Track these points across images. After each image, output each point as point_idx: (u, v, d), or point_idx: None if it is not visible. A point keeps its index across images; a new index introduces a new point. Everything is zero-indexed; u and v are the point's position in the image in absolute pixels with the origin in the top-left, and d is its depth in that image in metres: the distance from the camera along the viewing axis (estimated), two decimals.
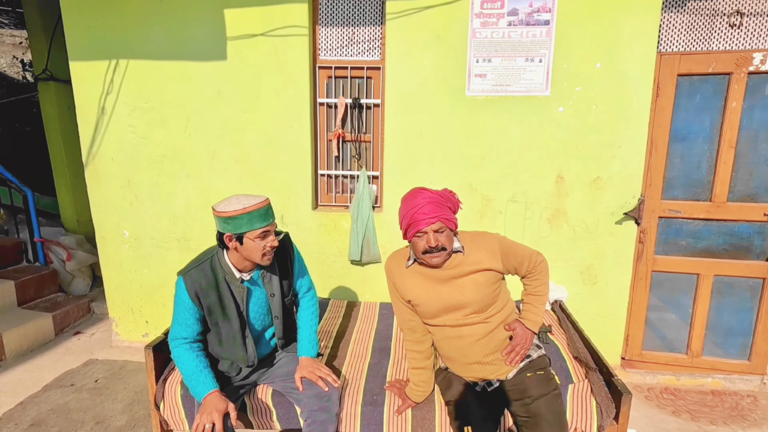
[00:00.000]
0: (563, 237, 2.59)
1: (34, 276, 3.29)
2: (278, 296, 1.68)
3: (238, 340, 1.63)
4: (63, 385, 2.53)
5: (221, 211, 1.47)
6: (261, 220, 1.49)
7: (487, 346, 1.55)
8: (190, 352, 1.58)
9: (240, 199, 1.50)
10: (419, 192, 1.49)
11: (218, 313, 1.58)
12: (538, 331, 1.62)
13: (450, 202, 1.49)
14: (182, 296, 1.55)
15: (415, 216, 1.45)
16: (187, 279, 1.54)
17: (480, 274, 1.52)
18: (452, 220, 1.46)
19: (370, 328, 2.34)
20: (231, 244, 1.51)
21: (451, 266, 1.53)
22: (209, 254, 1.61)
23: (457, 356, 1.60)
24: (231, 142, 2.67)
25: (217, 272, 1.58)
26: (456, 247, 1.53)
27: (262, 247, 1.51)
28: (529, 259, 1.56)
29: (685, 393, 2.56)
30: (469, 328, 1.55)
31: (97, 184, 2.81)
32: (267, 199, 1.54)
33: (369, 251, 2.69)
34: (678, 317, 2.68)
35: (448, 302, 1.54)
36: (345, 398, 1.74)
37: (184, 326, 1.58)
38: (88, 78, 2.66)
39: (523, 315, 1.63)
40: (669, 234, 2.55)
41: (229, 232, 1.48)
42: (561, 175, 2.52)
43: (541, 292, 1.61)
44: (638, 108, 2.40)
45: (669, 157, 2.47)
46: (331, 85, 2.71)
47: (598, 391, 1.72)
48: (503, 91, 2.47)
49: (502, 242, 1.56)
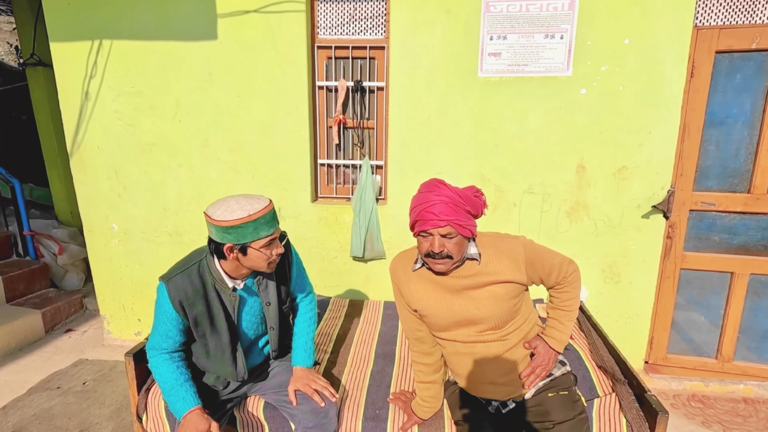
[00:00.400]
0: (584, 232, 2.38)
1: (23, 271, 3.15)
2: (275, 304, 1.50)
3: (227, 354, 1.45)
4: (49, 388, 2.40)
5: (221, 219, 1.24)
6: (268, 227, 1.29)
7: (504, 366, 1.35)
8: (169, 363, 1.40)
9: (240, 202, 1.27)
10: (436, 186, 1.27)
11: (206, 324, 1.40)
12: (563, 350, 1.42)
13: (470, 205, 1.25)
14: (164, 305, 1.35)
15: (423, 213, 1.25)
16: (171, 286, 1.34)
17: (499, 287, 1.31)
18: (467, 227, 1.23)
19: (374, 331, 2.16)
20: (232, 255, 1.30)
21: (465, 275, 1.32)
22: (197, 258, 1.40)
23: (468, 374, 1.41)
24: (224, 128, 2.48)
25: (205, 279, 1.38)
26: (472, 253, 1.31)
27: (268, 256, 1.32)
28: (559, 269, 1.34)
29: (715, 401, 2.36)
30: (484, 345, 1.35)
31: (83, 175, 2.64)
32: (270, 201, 1.33)
33: (372, 247, 2.50)
34: (707, 319, 2.47)
35: (460, 316, 1.34)
36: (344, 412, 1.57)
37: (164, 337, 1.40)
38: (70, 60, 2.47)
39: (548, 332, 1.42)
40: (701, 229, 2.33)
41: (231, 242, 1.27)
42: (582, 164, 2.30)
43: (570, 307, 1.39)
44: (670, 89, 2.16)
45: (703, 144, 2.24)
46: (330, 66, 2.50)
47: (627, 407, 1.53)
48: (519, 71, 2.24)
49: (529, 249, 1.33)
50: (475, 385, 1.41)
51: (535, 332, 1.45)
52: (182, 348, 1.46)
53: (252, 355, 1.57)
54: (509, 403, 1.39)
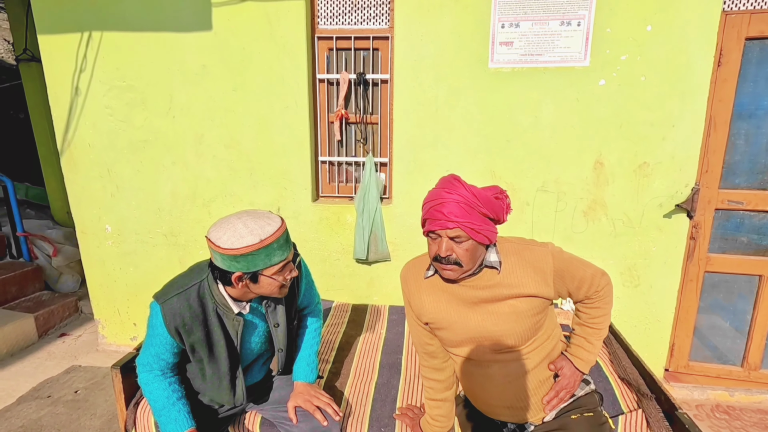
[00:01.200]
0: (601, 232, 2.24)
1: (16, 273, 3.05)
2: (283, 326, 1.35)
3: (224, 383, 1.31)
4: (39, 397, 2.29)
5: (228, 248, 1.07)
6: (281, 251, 1.13)
7: (523, 388, 1.21)
8: (161, 380, 1.28)
9: (248, 224, 1.09)
10: (451, 183, 1.12)
11: (203, 352, 1.25)
12: (588, 372, 1.27)
13: (488, 207, 1.09)
14: (158, 328, 1.21)
15: (432, 212, 1.11)
16: (166, 309, 1.18)
17: (521, 301, 1.16)
18: (481, 231, 1.08)
19: (378, 338, 2.03)
20: (240, 284, 1.15)
21: (483, 285, 1.18)
22: (197, 278, 1.23)
23: (483, 396, 1.27)
24: (219, 124, 2.36)
25: (206, 303, 1.22)
26: (491, 261, 1.17)
27: (281, 281, 1.17)
28: (590, 282, 1.18)
29: (741, 411, 2.22)
30: (501, 365, 1.21)
31: (75, 174, 2.52)
32: (283, 221, 1.16)
33: (376, 248, 2.37)
34: (732, 325, 2.33)
35: (475, 332, 1.20)
36: (347, 429, 1.45)
37: (156, 358, 1.26)
38: (58, 54, 2.35)
39: (573, 351, 1.26)
40: (727, 229, 2.18)
41: (240, 271, 1.11)
42: (600, 160, 2.16)
43: (600, 325, 1.23)
44: (696, 79, 2.01)
45: (731, 139, 2.09)
46: (332, 58, 2.36)
47: (656, 426, 1.39)
48: (533, 61, 2.10)
49: (558, 259, 1.17)
50: (489, 408, 1.28)
51: (559, 350, 1.30)
52: (174, 366, 1.34)
53: (252, 372, 1.45)
54: (528, 426, 1.25)
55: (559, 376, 1.24)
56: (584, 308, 1.24)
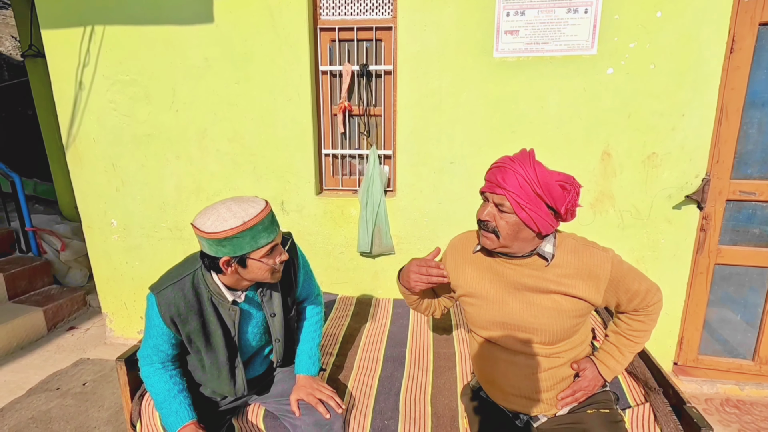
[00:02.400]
0: (609, 225, 2.20)
1: (25, 267, 3.09)
2: (280, 315, 1.35)
3: (224, 373, 1.31)
4: (48, 389, 2.32)
5: (212, 231, 1.07)
6: (267, 233, 1.13)
7: (544, 383, 1.19)
8: (162, 373, 1.29)
9: (231, 208, 1.10)
10: (522, 154, 1.08)
11: (200, 342, 1.26)
12: (611, 380, 1.24)
13: (545, 191, 1.02)
14: (154, 319, 1.22)
15: (489, 173, 1.10)
16: (161, 300, 1.19)
17: (567, 300, 1.11)
18: (528, 210, 1.02)
19: (382, 332, 2.02)
20: (230, 269, 1.14)
21: (530, 273, 1.13)
22: (190, 267, 1.24)
23: (500, 383, 1.25)
24: (222, 118, 2.35)
25: (200, 292, 1.22)
26: (544, 250, 1.12)
27: (271, 265, 1.17)
28: (643, 297, 1.13)
29: (752, 406, 2.18)
30: (527, 357, 1.18)
31: (80, 169, 2.54)
32: (267, 202, 1.16)
33: (380, 241, 2.36)
34: (743, 318, 2.29)
35: (510, 318, 1.16)
36: (350, 423, 1.44)
37: (155, 350, 1.28)
38: (62, 48, 2.35)
39: (601, 356, 1.23)
40: (738, 220, 2.14)
41: (227, 255, 1.11)
42: (608, 150, 2.12)
43: (638, 338, 1.19)
44: (707, 67, 1.96)
45: (743, 128, 2.03)
46: (334, 50, 2.34)
47: (664, 420, 1.37)
48: (539, 50, 2.06)
49: (616, 268, 1.10)
50: (505, 396, 1.26)
51: (586, 352, 1.27)
52: (176, 359, 1.34)
53: (253, 365, 1.44)
54: (540, 418, 1.24)
55: (580, 377, 1.21)
56: (627, 319, 1.19)
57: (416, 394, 1.57)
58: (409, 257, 2.40)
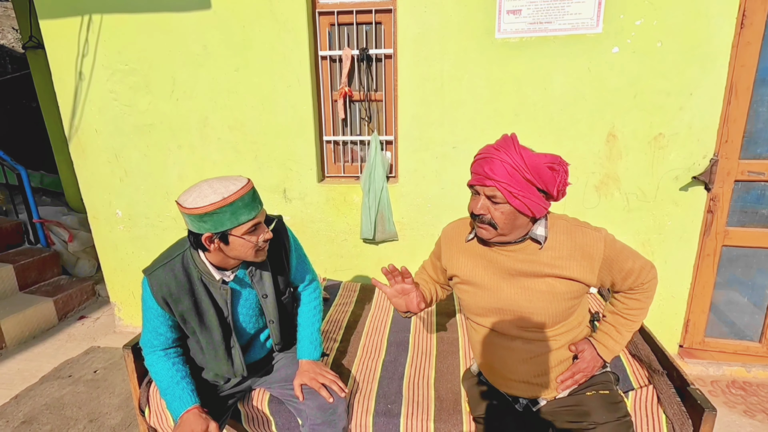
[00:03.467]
0: (614, 207, 2.18)
1: (35, 259, 3.13)
2: (272, 296, 1.36)
3: (220, 352, 1.33)
4: (61, 377, 2.37)
5: (192, 207, 1.10)
6: (248, 209, 1.14)
7: (542, 366, 1.19)
8: (164, 360, 1.31)
9: (213, 185, 1.13)
10: (505, 141, 1.06)
11: (194, 321, 1.28)
12: (611, 360, 1.24)
13: (535, 175, 1.02)
14: (148, 301, 1.26)
15: (476, 166, 1.08)
16: (153, 281, 1.23)
17: (561, 282, 1.11)
18: (522, 199, 1.02)
19: (386, 317, 2.04)
20: (213, 246, 1.17)
21: (524, 258, 1.13)
22: (180, 249, 1.28)
23: (499, 368, 1.26)
24: (223, 106, 2.33)
25: (190, 272, 1.25)
26: (536, 234, 1.11)
27: (254, 243, 1.18)
28: (637, 275, 1.12)
29: (758, 387, 2.18)
30: (524, 342, 1.19)
31: (83, 160, 2.55)
32: (249, 180, 1.18)
33: (383, 228, 2.36)
34: (751, 300, 2.26)
35: (505, 303, 1.16)
36: (354, 406, 1.46)
37: (154, 334, 1.31)
38: (60, 39, 2.34)
39: (600, 337, 1.22)
40: (747, 201, 2.10)
41: (208, 231, 1.13)
42: (613, 132, 2.08)
43: (635, 317, 1.18)
44: (716, 43, 1.91)
45: (753, 106, 1.98)
46: (334, 34, 2.30)
47: (667, 401, 1.37)
48: (542, 30, 2.01)
49: (609, 247, 1.10)
50: (504, 381, 1.26)
51: (585, 334, 1.26)
52: (177, 344, 1.36)
53: (253, 350, 1.46)
54: (540, 401, 1.24)
55: (579, 359, 1.21)
56: (623, 298, 1.19)
57: (419, 379, 1.58)
58: (412, 243, 2.41)
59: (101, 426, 1.99)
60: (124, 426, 1.99)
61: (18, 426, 2.00)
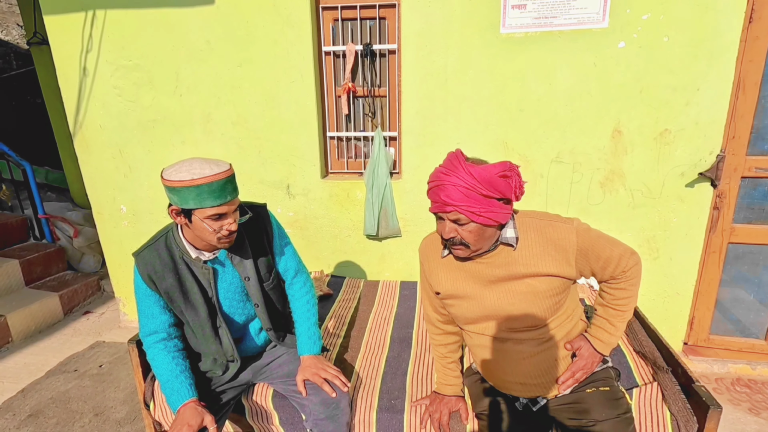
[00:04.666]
0: (619, 204, 2.16)
1: (40, 254, 3.15)
2: (254, 280, 1.39)
3: (207, 331, 1.36)
4: (66, 371, 2.39)
5: (166, 178, 1.16)
6: (214, 197, 1.15)
7: (538, 367, 1.19)
8: (164, 354, 1.33)
9: (193, 164, 1.16)
10: (451, 164, 1.06)
11: (179, 299, 1.31)
12: (609, 354, 1.23)
13: (490, 188, 1.01)
14: (138, 281, 1.31)
15: (431, 194, 1.09)
16: (139, 261, 1.29)
17: (540, 280, 1.11)
18: (484, 214, 1.03)
19: (389, 313, 2.04)
20: (178, 219, 1.22)
21: (500, 263, 1.13)
22: (165, 230, 1.34)
23: (496, 371, 1.26)
24: (226, 101, 2.33)
25: (173, 251, 1.30)
26: (507, 237, 1.11)
27: (215, 230, 1.20)
28: (617, 263, 1.10)
29: (763, 385, 2.17)
30: (516, 343, 1.18)
31: (88, 155, 2.56)
32: (229, 169, 1.19)
33: (387, 224, 2.35)
34: (756, 297, 2.25)
35: (491, 311, 1.17)
36: (358, 402, 1.46)
37: (149, 318, 1.34)
38: (64, 34, 2.34)
39: (594, 332, 1.21)
40: (753, 198, 2.08)
41: (175, 204, 1.19)
42: (618, 128, 2.06)
43: (624, 306, 1.17)
44: (724, 38, 1.88)
45: (760, 102, 1.96)
46: (337, 29, 2.29)
47: (672, 398, 1.37)
48: (548, 25, 1.99)
49: (583, 238, 1.09)
50: (502, 383, 1.26)
51: (579, 329, 1.25)
52: (176, 333, 1.38)
53: (247, 339, 1.48)
54: (540, 400, 1.24)
55: (577, 357, 1.20)
56: (609, 289, 1.17)
57: (423, 375, 1.58)
58: (416, 239, 2.40)
59: (106, 420, 2.01)
60: (129, 420, 2.01)
61: (24, 419, 2.02)
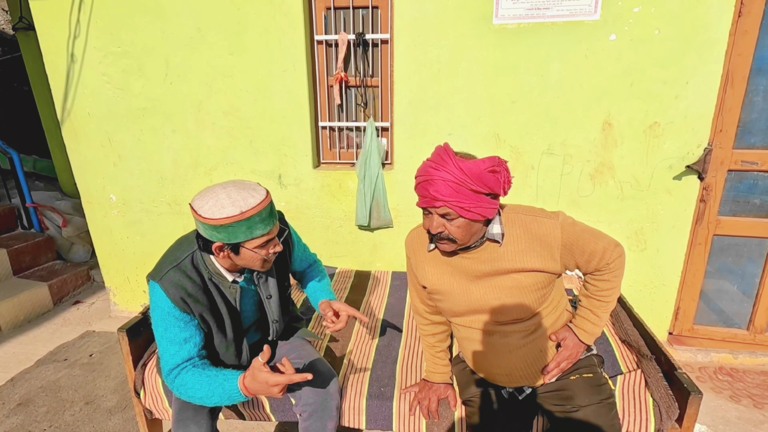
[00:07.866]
0: (608, 196, 2.19)
1: (28, 243, 3.12)
2: (275, 297, 1.36)
3: (231, 350, 1.32)
4: (56, 360, 2.39)
5: (209, 217, 1.05)
6: (264, 225, 1.10)
7: (524, 358, 1.21)
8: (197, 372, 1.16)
9: (231, 195, 1.07)
10: (440, 158, 1.04)
11: (211, 321, 1.23)
12: (593, 343, 1.26)
13: (479, 183, 1.01)
14: (164, 305, 1.15)
15: (420, 189, 1.08)
16: (166, 283, 1.14)
17: (525, 275, 1.12)
18: (472, 209, 1.02)
19: (380, 303, 2.05)
20: (222, 254, 1.13)
21: (486, 258, 1.14)
22: (187, 249, 1.21)
23: (482, 363, 1.28)
24: (217, 90, 2.31)
25: (201, 272, 1.21)
26: (493, 233, 1.12)
27: (263, 256, 1.15)
28: (601, 255, 1.11)
29: (744, 374, 2.22)
30: (502, 335, 1.20)
31: (76, 144, 2.52)
32: (267, 193, 1.12)
33: (379, 215, 2.36)
34: (740, 288, 2.30)
35: (477, 305, 1.18)
36: (348, 389, 1.48)
37: (180, 345, 1.16)
38: (51, 20, 2.30)
39: (578, 322, 1.23)
40: (739, 191, 2.12)
41: (220, 241, 1.09)
42: (609, 120, 2.08)
43: (608, 297, 1.18)
44: (714, 32, 1.90)
45: (748, 95, 1.99)
46: (330, 18, 2.27)
47: (655, 385, 1.40)
48: (540, 16, 2.00)
49: (567, 232, 1.10)
50: (489, 374, 1.28)
51: (564, 319, 1.28)
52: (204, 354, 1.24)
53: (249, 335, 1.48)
54: (525, 389, 1.26)
55: (562, 347, 1.22)
56: (593, 280, 1.19)
57: (412, 363, 1.60)
58: (407, 230, 2.41)
59: (97, 408, 2.01)
60: (119, 408, 2.01)
61: (14, 408, 2.02)
